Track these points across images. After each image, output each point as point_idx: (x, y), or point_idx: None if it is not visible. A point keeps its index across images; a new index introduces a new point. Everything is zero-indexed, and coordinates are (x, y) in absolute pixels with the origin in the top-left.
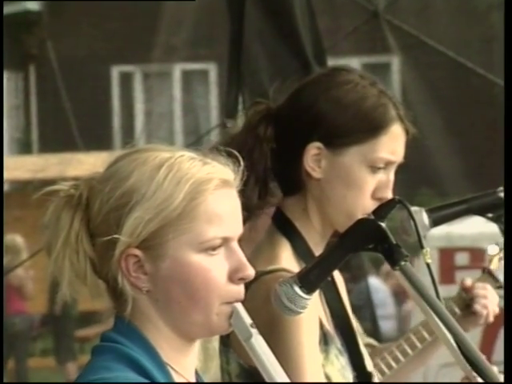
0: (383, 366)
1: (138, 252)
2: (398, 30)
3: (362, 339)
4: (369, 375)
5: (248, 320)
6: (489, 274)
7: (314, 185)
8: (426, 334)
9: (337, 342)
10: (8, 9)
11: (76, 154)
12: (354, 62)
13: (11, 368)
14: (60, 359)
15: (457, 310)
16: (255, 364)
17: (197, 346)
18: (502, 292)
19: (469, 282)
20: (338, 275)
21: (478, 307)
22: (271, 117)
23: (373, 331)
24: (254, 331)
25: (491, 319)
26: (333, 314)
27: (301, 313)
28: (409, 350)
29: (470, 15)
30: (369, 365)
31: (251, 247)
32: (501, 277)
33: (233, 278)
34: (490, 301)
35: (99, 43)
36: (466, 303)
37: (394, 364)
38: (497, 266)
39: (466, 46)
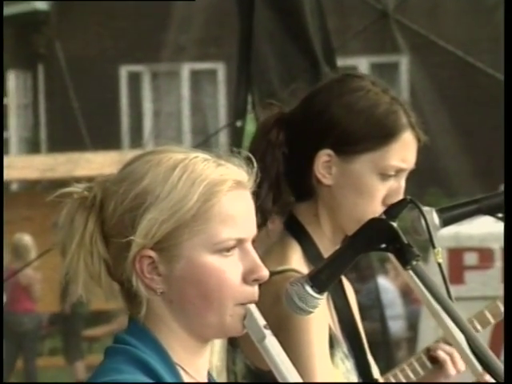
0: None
1: (152, 253)
2: (406, 30)
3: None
4: (375, 381)
5: (262, 321)
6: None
7: (324, 191)
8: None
9: (343, 347)
10: (17, 8)
11: (84, 154)
12: (363, 62)
13: (20, 367)
14: (68, 358)
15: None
16: (269, 365)
17: (209, 347)
18: None
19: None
20: (345, 281)
21: (440, 353)
22: (283, 121)
23: (382, 331)
24: (268, 332)
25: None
26: (340, 319)
27: (312, 312)
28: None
29: (478, 15)
30: (375, 371)
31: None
32: None
33: (247, 279)
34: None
35: (108, 43)
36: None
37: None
38: None
39: (474, 46)
